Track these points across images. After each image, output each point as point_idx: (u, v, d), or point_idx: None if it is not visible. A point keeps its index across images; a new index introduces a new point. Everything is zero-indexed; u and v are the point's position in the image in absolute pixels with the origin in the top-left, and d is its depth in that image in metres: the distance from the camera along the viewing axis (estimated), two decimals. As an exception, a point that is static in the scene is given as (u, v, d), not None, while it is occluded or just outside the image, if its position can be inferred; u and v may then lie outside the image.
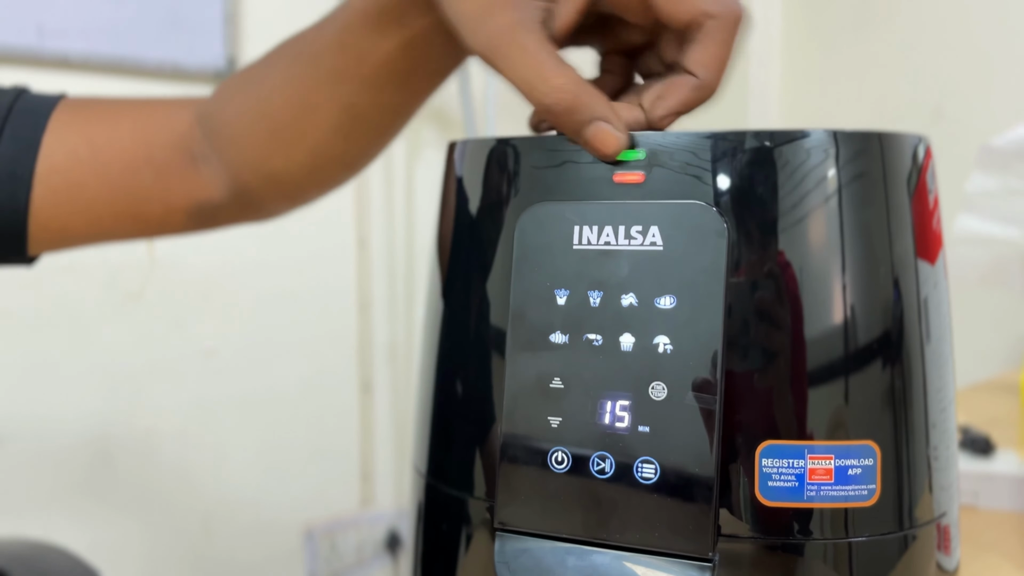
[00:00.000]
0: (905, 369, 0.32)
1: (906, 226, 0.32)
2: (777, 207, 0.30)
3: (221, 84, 0.52)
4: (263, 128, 0.48)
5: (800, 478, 0.30)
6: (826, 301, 0.31)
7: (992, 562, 0.57)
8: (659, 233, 0.30)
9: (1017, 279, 0.88)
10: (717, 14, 0.32)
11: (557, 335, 0.31)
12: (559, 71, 0.32)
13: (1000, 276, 0.89)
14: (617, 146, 0.32)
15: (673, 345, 0.29)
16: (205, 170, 0.51)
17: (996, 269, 0.88)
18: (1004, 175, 0.86)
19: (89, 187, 0.50)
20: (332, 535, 1.58)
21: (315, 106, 0.46)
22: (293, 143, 0.47)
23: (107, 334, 1.32)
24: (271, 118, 0.47)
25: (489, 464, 0.34)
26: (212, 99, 0.52)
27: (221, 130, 0.50)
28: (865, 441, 0.30)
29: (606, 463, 0.30)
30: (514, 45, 0.33)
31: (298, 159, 0.48)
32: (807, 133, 0.31)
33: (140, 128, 0.51)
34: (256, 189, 0.50)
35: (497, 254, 0.34)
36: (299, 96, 0.46)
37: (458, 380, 0.35)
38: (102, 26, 1.26)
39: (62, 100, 0.52)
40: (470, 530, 0.35)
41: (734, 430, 0.30)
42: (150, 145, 0.50)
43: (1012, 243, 0.86)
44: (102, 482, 1.33)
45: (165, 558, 1.40)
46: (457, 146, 0.37)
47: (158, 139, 0.51)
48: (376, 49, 0.43)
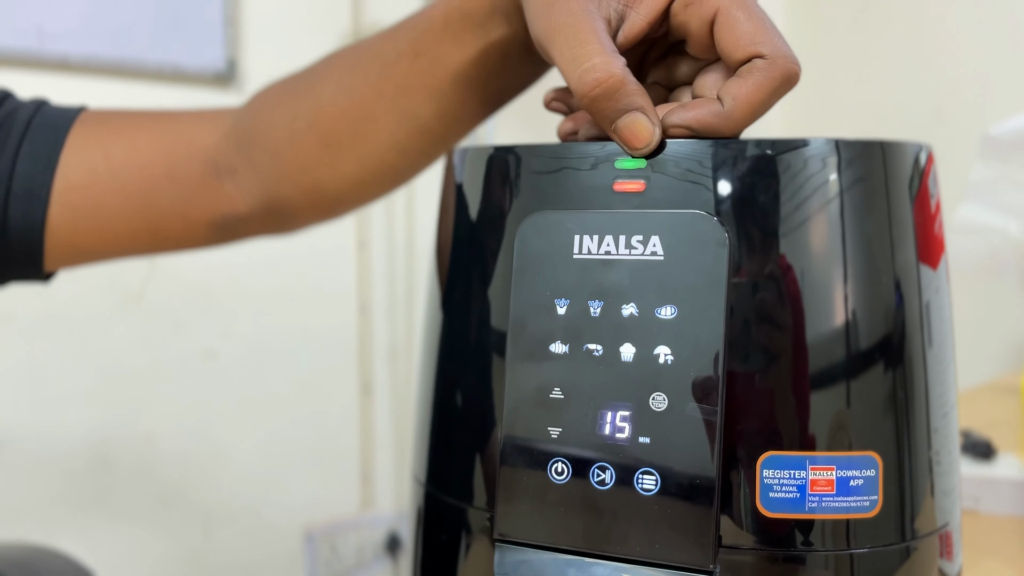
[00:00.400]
0: (907, 376, 0.32)
1: (908, 232, 0.32)
2: (779, 215, 0.30)
3: (258, 94, 0.51)
4: (313, 137, 0.47)
5: (802, 489, 0.30)
6: (828, 309, 0.30)
7: (993, 567, 0.57)
8: (660, 243, 0.30)
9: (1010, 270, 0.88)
10: (769, 56, 0.31)
11: (557, 345, 0.31)
12: (605, 55, 0.32)
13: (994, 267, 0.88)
14: (650, 139, 0.31)
15: (674, 355, 0.29)
16: (229, 183, 0.50)
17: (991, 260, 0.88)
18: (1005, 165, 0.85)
19: (107, 204, 0.49)
20: (332, 537, 1.57)
21: (375, 116, 0.45)
22: (344, 154, 0.47)
23: (107, 336, 1.32)
24: (324, 128, 0.47)
25: (489, 474, 0.33)
26: (248, 108, 0.51)
27: (259, 139, 0.49)
28: (867, 452, 0.30)
29: (606, 474, 0.30)
30: (571, 27, 0.33)
31: (346, 171, 0.47)
32: (808, 142, 0.31)
33: (160, 142, 0.50)
34: (291, 201, 0.49)
35: (497, 262, 0.34)
36: (358, 105, 0.46)
37: (458, 389, 0.35)
38: (102, 28, 1.26)
39: (81, 113, 0.52)
40: (470, 540, 0.35)
41: (735, 440, 0.30)
42: (171, 159, 0.50)
43: (1007, 234, 0.86)
44: (102, 485, 1.33)
45: (165, 560, 1.40)
46: (457, 153, 0.37)
47: (179, 153, 0.50)
48: (451, 57, 0.42)
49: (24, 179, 0.48)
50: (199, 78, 1.35)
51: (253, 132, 0.49)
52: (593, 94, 0.31)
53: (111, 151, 0.49)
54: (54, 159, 0.49)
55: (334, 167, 0.47)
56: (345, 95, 0.46)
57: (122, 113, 0.53)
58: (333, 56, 0.49)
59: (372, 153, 0.46)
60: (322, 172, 0.48)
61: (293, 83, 0.50)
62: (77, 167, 0.49)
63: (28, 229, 0.48)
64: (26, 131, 0.49)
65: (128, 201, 0.49)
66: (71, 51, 1.23)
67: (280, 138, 0.48)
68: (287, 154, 0.48)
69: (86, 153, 0.49)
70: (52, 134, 0.49)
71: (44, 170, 0.48)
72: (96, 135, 0.50)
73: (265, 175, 0.49)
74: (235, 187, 0.50)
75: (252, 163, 0.49)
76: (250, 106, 0.51)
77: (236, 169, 0.50)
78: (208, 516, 1.43)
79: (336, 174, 0.47)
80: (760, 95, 0.31)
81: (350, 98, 0.46)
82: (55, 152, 0.49)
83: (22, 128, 0.49)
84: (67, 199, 0.49)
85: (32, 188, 0.48)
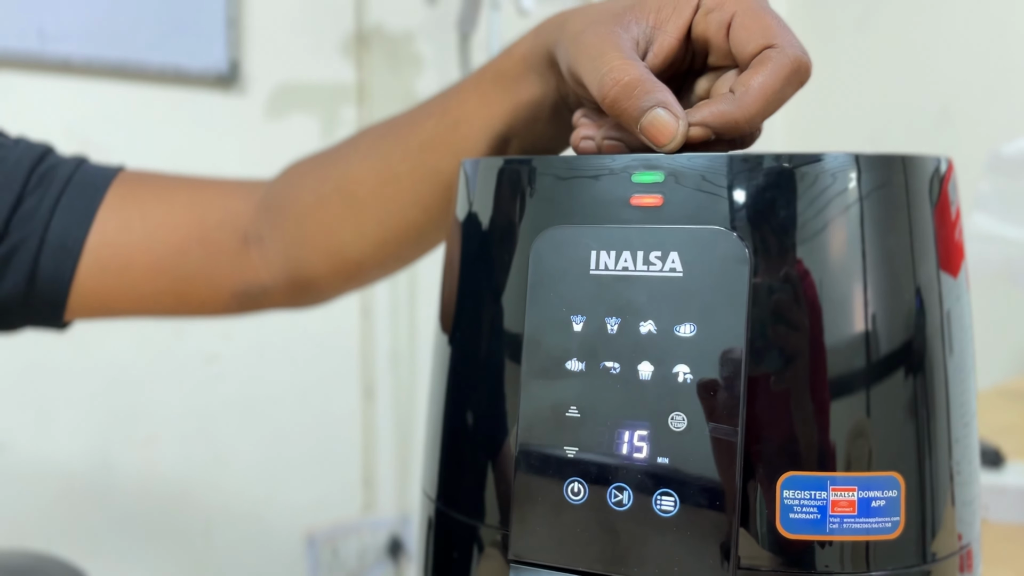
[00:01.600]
0: (928, 387, 0.31)
1: (929, 242, 0.32)
2: (799, 230, 0.30)
3: (290, 166, 0.52)
4: (337, 199, 0.48)
5: (823, 510, 0.29)
6: (849, 323, 0.30)
7: (1003, 577, 0.56)
8: (679, 259, 0.29)
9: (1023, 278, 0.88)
10: (779, 46, 0.32)
11: (573, 362, 0.30)
12: (624, 59, 0.33)
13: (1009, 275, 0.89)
14: (674, 133, 0.31)
15: (693, 374, 0.29)
16: (256, 252, 0.51)
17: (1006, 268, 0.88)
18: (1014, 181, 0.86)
19: (137, 263, 0.50)
20: (334, 541, 1.57)
21: (399, 175, 0.46)
22: (367, 213, 0.47)
23: (108, 339, 1.31)
24: (349, 190, 0.47)
25: (501, 491, 0.33)
26: (280, 178, 0.52)
27: (286, 206, 0.50)
28: (889, 472, 0.30)
29: (623, 495, 0.29)
30: (595, 46, 0.34)
31: (368, 230, 0.48)
32: (826, 156, 0.30)
33: (196, 206, 0.51)
34: (313, 266, 0.50)
35: (510, 277, 0.33)
36: (385, 166, 0.46)
37: (469, 404, 0.35)
38: (104, 30, 1.25)
39: (120, 173, 0.52)
40: (481, 558, 0.34)
41: (755, 460, 0.29)
42: (203, 225, 0.50)
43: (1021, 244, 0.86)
44: (103, 489, 1.33)
45: (166, 564, 1.40)
46: (468, 164, 0.37)
47: (211, 219, 0.51)
48: (477, 114, 0.43)
49: (59, 232, 0.49)
50: (201, 80, 1.35)
51: (281, 199, 0.50)
52: (613, 93, 0.32)
53: (147, 211, 0.50)
54: (91, 215, 0.49)
55: (357, 227, 0.48)
56: (374, 158, 0.47)
57: (160, 176, 0.53)
58: (369, 128, 0.50)
59: (395, 212, 0.47)
60: (345, 234, 0.48)
61: (325, 154, 0.51)
62: (112, 225, 0.50)
63: (57, 281, 0.49)
64: (66, 186, 0.50)
65: (158, 262, 0.50)
66: (73, 53, 1.23)
67: (307, 203, 0.49)
68: (312, 218, 0.49)
69: (123, 212, 0.50)
70: (91, 191, 0.50)
71: (80, 225, 0.49)
72: (134, 194, 0.51)
73: (289, 241, 0.50)
74: (260, 256, 0.51)
75: (278, 230, 0.50)
76: (282, 176, 0.52)
77: (263, 237, 0.51)
78: (209, 520, 1.43)
79: (358, 234, 0.48)
80: (771, 81, 0.32)
81: (377, 159, 0.47)
82: (92, 208, 0.49)
83: (62, 183, 0.50)
84: (99, 255, 0.49)
85: (66, 242, 0.49)
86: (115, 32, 1.26)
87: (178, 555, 1.41)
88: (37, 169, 0.50)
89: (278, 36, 1.42)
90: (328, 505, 1.57)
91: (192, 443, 1.41)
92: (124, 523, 1.35)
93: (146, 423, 1.36)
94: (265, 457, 1.48)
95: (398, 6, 1.53)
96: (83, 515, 1.31)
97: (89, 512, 1.32)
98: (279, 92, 1.43)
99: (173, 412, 1.38)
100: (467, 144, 0.44)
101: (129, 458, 1.35)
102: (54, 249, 0.49)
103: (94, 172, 0.51)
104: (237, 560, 1.47)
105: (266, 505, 1.49)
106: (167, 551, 1.40)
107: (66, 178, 0.50)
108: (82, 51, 1.24)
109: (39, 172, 0.50)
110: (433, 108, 0.46)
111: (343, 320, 1.56)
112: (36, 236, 0.48)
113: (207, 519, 1.43)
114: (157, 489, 1.38)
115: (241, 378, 1.44)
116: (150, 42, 1.29)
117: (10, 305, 0.50)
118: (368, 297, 1.58)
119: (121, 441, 1.34)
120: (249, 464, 1.46)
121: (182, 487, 1.40)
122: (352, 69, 1.52)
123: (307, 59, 1.46)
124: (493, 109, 0.42)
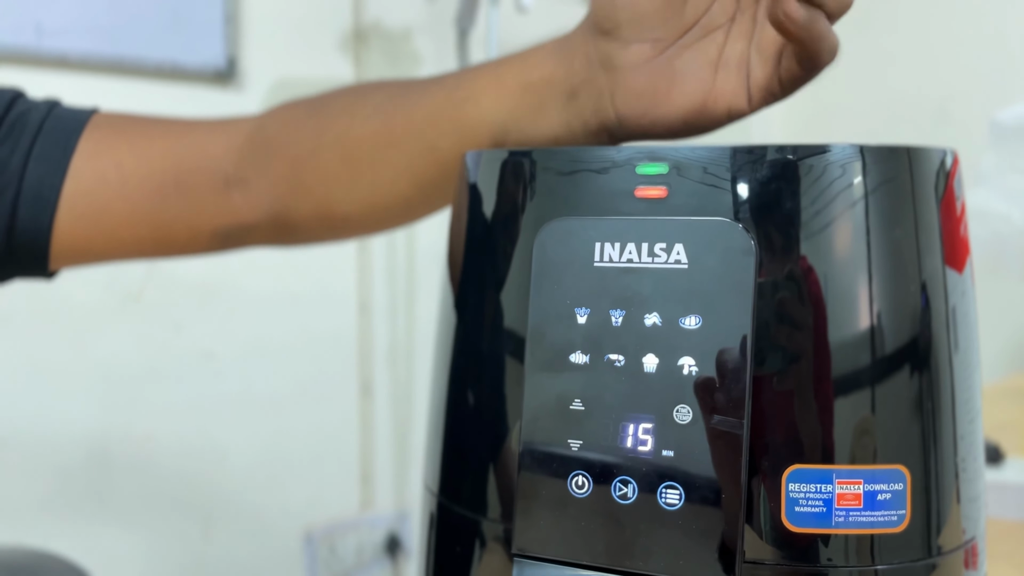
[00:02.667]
0: (934, 382, 0.31)
1: (935, 236, 0.31)
2: (803, 222, 0.30)
3: (280, 107, 0.52)
4: (336, 152, 0.48)
5: (828, 503, 0.29)
6: (855, 317, 0.30)
7: (1003, 573, 0.56)
8: (684, 251, 0.29)
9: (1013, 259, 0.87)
10: None
11: (577, 355, 0.30)
12: None
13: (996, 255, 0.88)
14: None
15: (699, 367, 0.28)
16: (238, 194, 0.50)
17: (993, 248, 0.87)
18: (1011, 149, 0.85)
19: (114, 211, 0.49)
20: (332, 538, 1.57)
21: (398, 141, 0.46)
22: (362, 174, 0.47)
23: (106, 336, 1.31)
24: (349, 145, 0.47)
25: (504, 485, 0.33)
26: (270, 120, 0.51)
27: (280, 150, 0.49)
28: (895, 465, 0.29)
29: (628, 488, 0.29)
30: None
31: (360, 192, 0.48)
32: (832, 147, 0.30)
33: (172, 151, 0.50)
34: (301, 214, 0.50)
35: (513, 269, 0.33)
36: (387, 129, 0.46)
37: (472, 399, 0.34)
38: (101, 25, 1.25)
39: (94, 116, 0.52)
40: (483, 552, 0.34)
41: (760, 454, 0.29)
42: (180, 169, 0.50)
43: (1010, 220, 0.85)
44: (101, 485, 1.33)
45: (164, 561, 1.40)
46: (470, 156, 0.36)
47: (189, 163, 0.50)
48: (486, 94, 0.43)
49: (34, 182, 0.48)
50: (199, 76, 1.35)
51: (274, 142, 0.49)
52: None
53: (123, 159, 0.50)
54: (65, 164, 0.49)
55: (349, 185, 0.48)
56: (377, 121, 0.47)
57: (135, 119, 0.53)
58: (377, 84, 0.50)
59: (388, 179, 0.47)
60: (337, 189, 0.48)
61: (323, 101, 0.50)
62: (87, 173, 0.49)
63: (35, 231, 0.49)
64: (38, 133, 0.49)
65: (135, 209, 0.49)
66: (70, 48, 1.23)
67: (303, 150, 0.48)
68: (306, 165, 0.48)
69: (98, 160, 0.49)
70: (64, 138, 0.49)
71: (54, 174, 0.48)
72: (108, 141, 0.50)
73: (278, 184, 0.49)
74: (243, 198, 0.50)
75: (267, 172, 0.49)
76: (272, 118, 0.51)
77: (247, 179, 0.50)
78: (207, 517, 1.43)
79: (349, 192, 0.48)
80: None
81: (380, 123, 0.46)
82: (66, 157, 0.49)
83: (34, 130, 0.49)
84: (75, 204, 0.49)
85: (42, 192, 0.48)
86: (113, 28, 1.26)
87: (176, 552, 1.41)
88: (7, 117, 0.49)
89: (276, 32, 1.42)
90: (326, 502, 1.57)
91: (190, 440, 1.40)
92: (122, 519, 1.35)
93: (144, 420, 1.36)
94: (263, 454, 1.48)
95: (396, 3, 1.53)
96: (81, 512, 1.31)
97: (87, 508, 1.32)
98: (277, 88, 1.42)
99: (171, 409, 1.38)
100: (469, 124, 0.43)
101: (127, 455, 1.35)
102: (30, 200, 0.48)
103: (66, 116, 0.51)
104: (235, 557, 1.47)
105: (264, 502, 1.49)
106: (165, 548, 1.40)
107: (38, 124, 0.49)
108: (79, 46, 1.23)
109: (9, 120, 0.49)
110: (446, 82, 0.45)
111: (341, 317, 1.56)
112: (12, 188, 0.48)
113: (205, 516, 1.43)
114: (155, 486, 1.38)
115: (239, 375, 1.44)
116: (148, 38, 1.29)
117: None
118: (366, 294, 1.58)
119: (119, 438, 1.34)
120: (247, 461, 1.46)
121: (180, 484, 1.40)
122: (350, 65, 1.52)
123: (305, 55, 1.46)
124: (503, 90, 0.42)
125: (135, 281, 1.34)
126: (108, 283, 1.31)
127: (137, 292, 1.34)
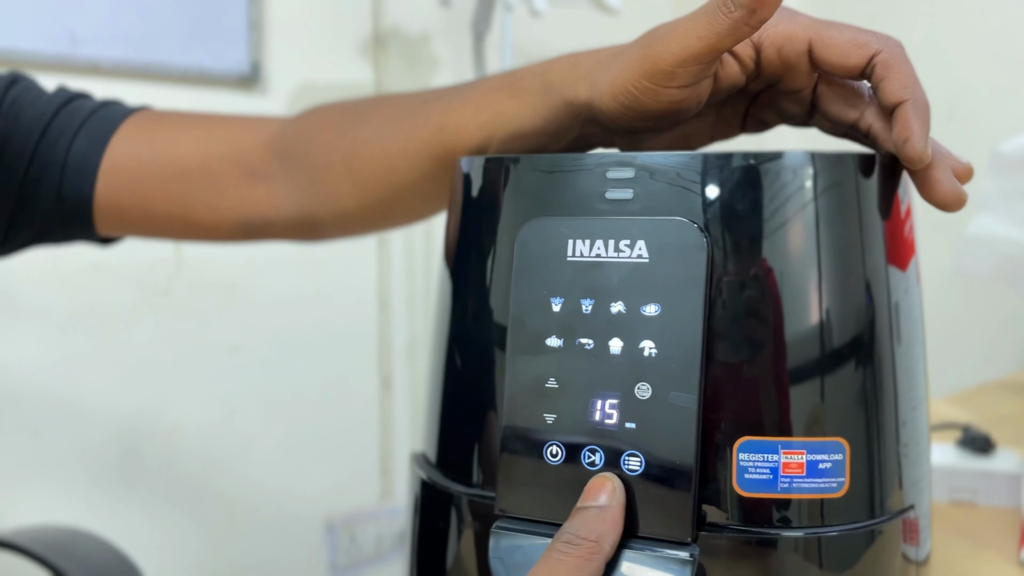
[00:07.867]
0: (876, 370, 0.34)
1: (878, 237, 0.35)
2: (758, 221, 0.33)
3: (309, 112, 0.56)
4: (344, 171, 0.52)
5: (774, 471, 0.32)
6: (804, 308, 0.33)
7: (988, 556, 0.58)
8: (645, 246, 0.33)
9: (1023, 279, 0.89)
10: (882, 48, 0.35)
11: (553, 339, 0.34)
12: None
13: (1008, 275, 0.90)
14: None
15: (657, 349, 0.32)
16: (263, 187, 0.55)
17: (1005, 268, 0.90)
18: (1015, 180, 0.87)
19: (146, 186, 0.55)
20: (352, 528, 1.60)
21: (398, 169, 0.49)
22: (370, 192, 0.51)
23: (136, 331, 1.35)
24: (354, 166, 0.51)
25: (489, 457, 0.36)
26: (296, 125, 0.55)
27: (301, 159, 0.53)
28: (835, 438, 0.33)
29: (596, 456, 0.33)
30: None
31: (371, 204, 0.52)
32: (785, 154, 0.33)
33: (202, 140, 0.55)
34: (321, 219, 0.54)
35: (498, 264, 0.37)
36: (384, 153, 0.50)
37: (463, 380, 0.38)
38: (131, 34, 1.29)
39: (141, 110, 0.58)
40: (469, 520, 0.37)
41: (714, 427, 0.32)
42: (208, 155, 0.55)
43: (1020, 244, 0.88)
44: (131, 474, 1.36)
45: (190, 546, 1.43)
46: (463, 161, 0.40)
47: (216, 151, 0.55)
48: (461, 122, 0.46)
49: (78, 157, 0.55)
50: (224, 81, 1.38)
51: (297, 151, 0.54)
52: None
53: (156, 141, 0.55)
54: (105, 142, 0.55)
55: (361, 200, 0.52)
56: (378, 144, 0.50)
57: (174, 113, 0.58)
58: (387, 99, 0.53)
59: (397, 196, 0.51)
60: (350, 202, 0.52)
61: (341, 114, 0.54)
62: (123, 150, 0.55)
63: (79, 199, 0.55)
64: (87, 119, 0.56)
65: (165, 186, 0.55)
66: (101, 56, 1.27)
67: (318, 164, 0.53)
68: (321, 179, 0.53)
69: (133, 140, 0.55)
70: (108, 123, 0.56)
71: (95, 150, 0.55)
72: (146, 126, 0.56)
73: (301, 192, 0.54)
74: (268, 192, 0.55)
75: (291, 177, 0.54)
76: (298, 123, 0.55)
77: (273, 176, 0.54)
78: (232, 504, 1.46)
79: (362, 206, 0.52)
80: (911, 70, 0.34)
81: (380, 147, 0.50)
82: (107, 137, 0.55)
83: (85, 116, 0.56)
84: (112, 176, 0.55)
85: (83, 166, 0.55)
86: (142, 36, 1.30)
87: (201, 540, 1.44)
88: (68, 106, 0.57)
89: (298, 38, 1.45)
90: (346, 493, 1.59)
91: (215, 431, 1.43)
92: (150, 506, 1.38)
93: (171, 411, 1.39)
94: (286, 446, 1.50)
95: (414, 8, 1.56)
96: (111, 499, 1.34)
97: (117, 496, 1.35)
98: (299, 92, 1.46)
99: (197, 401, 1.41)
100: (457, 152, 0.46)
101: (156, 444, 1.38)
102: (73, 172, 0.55)
103: (116, 108, 0.58)
104: (258, 545, 1.49)
105: (286, 492, 1.51)
106: (192, 534, 1.43)
107: (89, 111, 0.56)
108: (111, 54, 1.28)
109: (68, 108, 0.56)
110: (432, 116, 0.47)
111: (362, 313, 1.59)
112: (59, 160, 0.55)
113: (229, 504, 1.46)
114: (182, 476, 1.41)
115: (263, 369, 1.46)
116: (175, 45, 1.33)
117: (49, 222, 0.56)
118: (386, 290, 1.61)
119: (148, 428, 1.37)
120: (270, 453, 1.49)
121: (206, 473, 1.43)
122: (370, 69, 1.55)
123: (326, 60, 1.49)
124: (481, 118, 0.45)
125: (163, 278, 1.37)
126: (139, 281, 1.35)
127: (166, 289, 1.38)
